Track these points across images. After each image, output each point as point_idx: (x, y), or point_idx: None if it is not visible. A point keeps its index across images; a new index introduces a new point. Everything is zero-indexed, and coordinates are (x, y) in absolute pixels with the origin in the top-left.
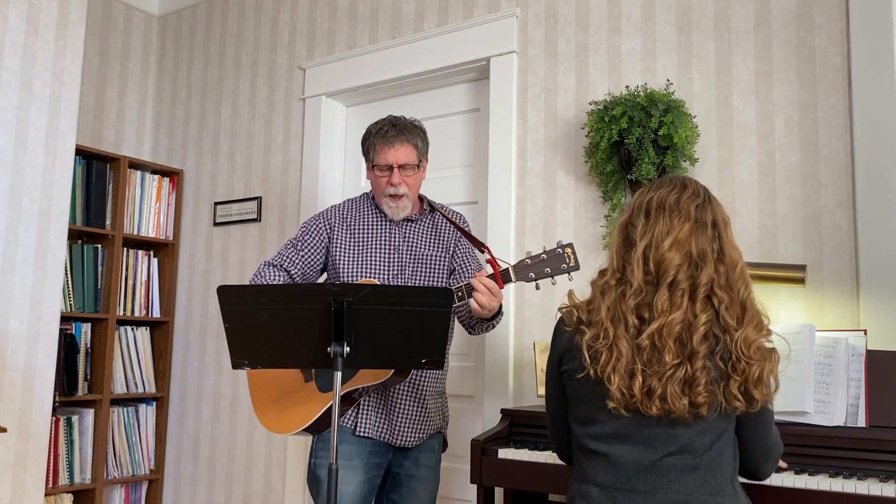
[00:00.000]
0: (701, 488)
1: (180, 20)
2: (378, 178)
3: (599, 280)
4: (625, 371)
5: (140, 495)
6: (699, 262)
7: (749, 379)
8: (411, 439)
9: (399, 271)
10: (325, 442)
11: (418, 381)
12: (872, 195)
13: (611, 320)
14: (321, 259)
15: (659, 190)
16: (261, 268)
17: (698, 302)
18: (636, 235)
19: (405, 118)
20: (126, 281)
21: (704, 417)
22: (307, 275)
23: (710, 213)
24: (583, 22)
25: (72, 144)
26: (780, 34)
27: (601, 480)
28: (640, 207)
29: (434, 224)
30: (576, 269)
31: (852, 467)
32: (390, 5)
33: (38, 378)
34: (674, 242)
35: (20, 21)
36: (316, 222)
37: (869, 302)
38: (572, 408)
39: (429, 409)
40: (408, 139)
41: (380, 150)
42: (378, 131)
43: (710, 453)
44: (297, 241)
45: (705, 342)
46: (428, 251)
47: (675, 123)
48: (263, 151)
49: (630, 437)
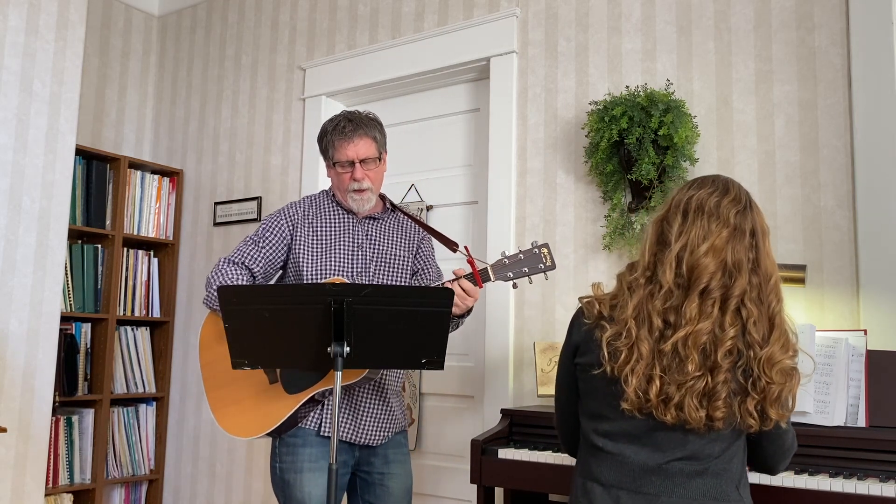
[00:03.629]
0: (706, 493)
1: (180, 20)
2: (340, 175)
3: (628, 275)
4: (643, 374)
5: (140, 495)
6: (733, 272)
7: (767, 398)
8: (377, 437)
9: (363, 269)
10: (288, 446)
11: (382, 381)
12: (872, 195)
13: (635, 319)
14: (282, 257)
15: (700, 190)
16: (220, 264)
17: (728, 314)
18: (671, 235)
19: (360, 112)
20: (126, 281)
21: (719, 430)
22: (268, 272)
23: (750, 221)
24: (583, 22)
25: (72, 144)
26: (780, 34)
27: (606, 479)
28: (679, 206)
29: (398, 223)
30: (552, 268)
31: (852, 467)
32: (390, 5)
33: (38, 378)
34: (710, 248)
35: (20, 21)
36: (277, 219)
37: (869, 302)
38: (584, 401)
39: (392, 408)
40: (366, 132)
41: (339, 147)
42: (335, 128)
43: (718, 461)
44: (258, 239)
45: (729, 357)
46: (392, 250)
47: (675, 123)
48: (263, 151)
49: (639, 438)
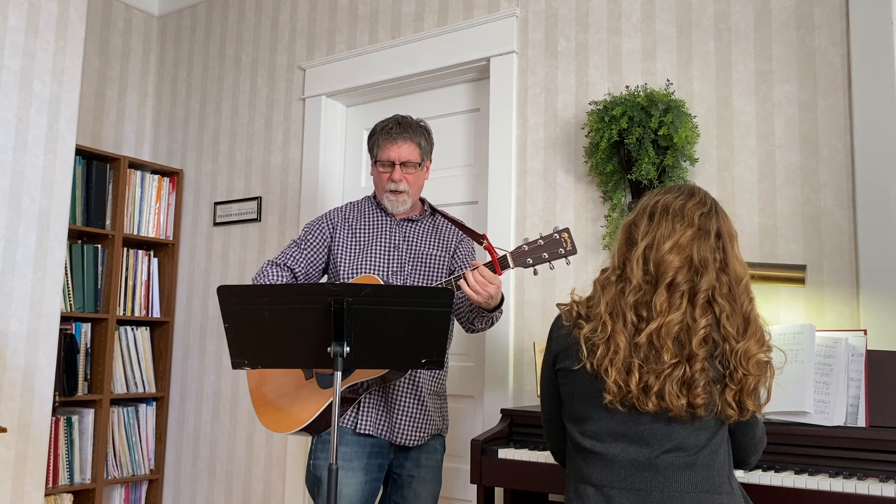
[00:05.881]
0: (697, 486)
1: (180, 20)
2: (380, 174)
3: (601, 277)
4: (622, 365)
5: (140, 495)
6: (700, 268)
7: (744, 389)
8: (412, 438)
9: (398, 268)
10: (325, 443)
11: (417, 380)
12: (872, 195)
13: (609, 314)
14: (324, 258)
15: (666, 195)
16: (264, 266)
17: (698, 307)
18: (638, 235)
19: (411, 118)
20: (126, 281)
21: (701, 417)
22: (310, 273)
23: (715, 224)
24: (583, 22)
25: (72, 144)
26: (780, 34)
27: (597, 480)
28: (645, 210)
29: (435, 226)
30: (573, 253)
31: (852, 467)
32: (390, 5)
33: (38, 378)
34: (674, 245)
35: (20, 21)
36: (319, 222)
37: (869, 302)
38: (566, 406)
39: (428, 408)
40: (411, 137)
41: (383, 147)
42: (383, 128)
43: (705, 451)
44: (300, 241)
45: (704, 346)
46: (428, 250)
47: (675, 123)
48: (263, 151)
49: (625, 434)
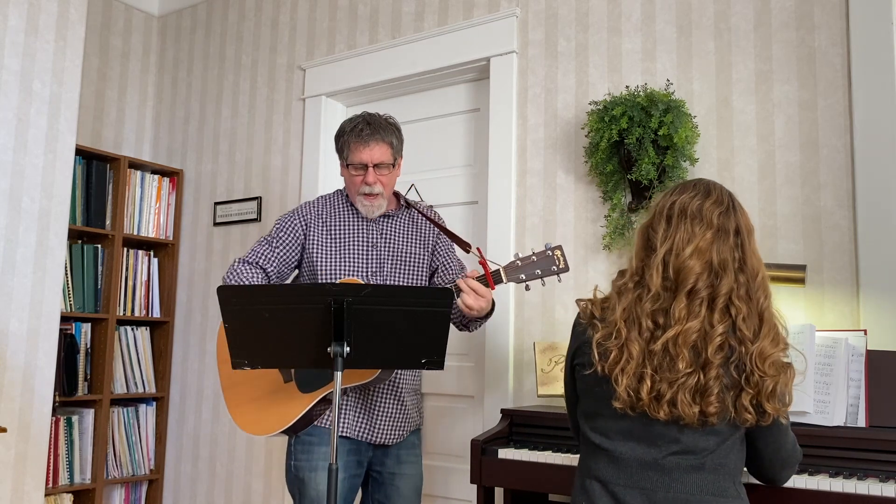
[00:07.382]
0: (704, 489)
1: (180, 20)
2: (352, 177)
3: (618, 280)
4: (633, 374)
5: (140, 495)
6: (719, 272)
7: (762, 392)
8: (392, 437)
9: (378, 268)
10: (304, 444)
11: (397, 380)
12: (872, 195)
13: (625, 321)
14: (296, 256)
15: (682, 194)
16: (235, 265)
17: (716, 312)
18: (657, 240)
19: (380, 115)
20: (126, 281)
21: (714, 426)
22: (282, 272)
23: (734, 221)
24: (583, 22)
25: (72, 144)
26: (779, 34)
27: (603, 476)
28: (662, 212)
29: (413, 220)
30: (565, 271)
31: (852, 467)
32: (390, 5)
33: (38, 378)
34: (695, 250)
35: (20, 21)
36: (291, 219)
37: (869, 302)
38: (581, 401)
39: (407, 407)
40: (383, 137)
41: (354, 149)
42: (353, 129)
43: (714, 455)
44: (271, 239)
45: (720, 352)
46: (407, 247)
47: (675, 123)
48: (263, 151)
49: (634, 434)
